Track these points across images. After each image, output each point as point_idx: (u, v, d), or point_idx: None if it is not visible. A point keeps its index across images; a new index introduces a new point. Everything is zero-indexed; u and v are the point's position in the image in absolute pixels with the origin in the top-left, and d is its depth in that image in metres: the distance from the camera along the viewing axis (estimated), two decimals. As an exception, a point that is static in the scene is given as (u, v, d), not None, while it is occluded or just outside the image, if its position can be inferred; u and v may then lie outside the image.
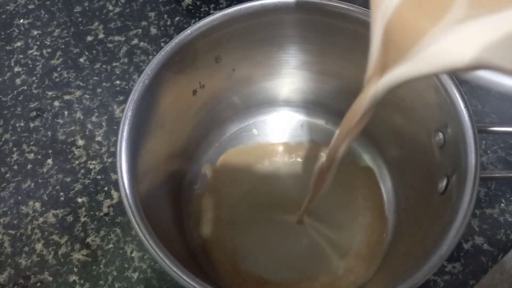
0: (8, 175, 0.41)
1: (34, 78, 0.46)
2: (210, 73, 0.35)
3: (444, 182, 0.28)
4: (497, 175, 0.30)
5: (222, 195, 0.39)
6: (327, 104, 0.41)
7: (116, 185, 0.40)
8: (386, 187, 0.38)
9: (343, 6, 0.31)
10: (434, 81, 0.28)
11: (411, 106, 0.32)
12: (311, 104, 0.41)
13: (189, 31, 0.30)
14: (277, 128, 0.42)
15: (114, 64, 0.46)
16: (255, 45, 0.35)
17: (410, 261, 0.26)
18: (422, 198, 0.31)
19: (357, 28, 0.31)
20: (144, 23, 0.49)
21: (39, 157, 0.42)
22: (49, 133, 0.43)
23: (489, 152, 0.41)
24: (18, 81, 0.46)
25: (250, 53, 0.35)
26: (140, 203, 0.27)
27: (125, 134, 0.27)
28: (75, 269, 0.37)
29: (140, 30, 0.48)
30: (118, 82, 0.45)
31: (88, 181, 0.41)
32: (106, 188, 0.40)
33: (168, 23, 0.49)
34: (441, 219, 0.26)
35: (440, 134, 0.29)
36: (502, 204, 0.39)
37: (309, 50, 0.35)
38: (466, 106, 0.27)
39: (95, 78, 0.46)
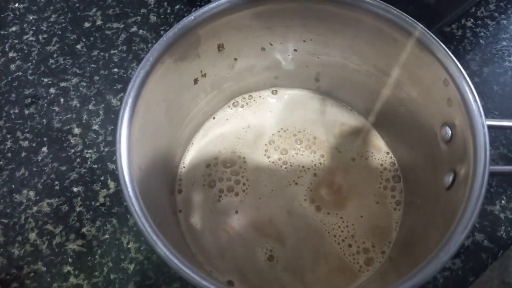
0: (1, 162, 0.40)
1: (30, 64, 0.45)
2: (212, 61, 0.34)
3: (451, 177, 0.27)
4: (506, 170, 0.29)
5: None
6: (330, 94, 0.40)
7: (113, 174, 0.40)
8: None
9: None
10: (443, 74, 0.28)
11: (417, 99, 0.32)
12: (314, 94, 0.41)
13: (192, 17, 0.29)
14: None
15: (112, 51, 0.45)
16: (258, 34, 0.34)
17: (416, 258, 0.25)
18: (428, 193, 0.31)
19: (362, 18, 0.31)
20: (143, 10, 0.48)
21: (34, 145, 0.41)
22: (44, 120, 0.42)
23: (490, 148, 0.41)
24: (12, 66, 0.45)
25: (253, 42, 0.34)
26: (139, 193, 0.26)
27: (125, 121, 0.26)
28: (70, 260, 0.36)
29: (139, 18, 0.47)
30: (116, 70, 0.44)
31: (84, 170, 0.40)
32: (102, 178, 0.39)
33: (168, 11, 0.48)
34: (447, 214, 0.25)
35: (447, 128, 0.29)
36: (503, 201, 0.39)
37: (313, 40, 0.35)
38: (475, 100, 0.26)
39: (92, 65, 0.45)
